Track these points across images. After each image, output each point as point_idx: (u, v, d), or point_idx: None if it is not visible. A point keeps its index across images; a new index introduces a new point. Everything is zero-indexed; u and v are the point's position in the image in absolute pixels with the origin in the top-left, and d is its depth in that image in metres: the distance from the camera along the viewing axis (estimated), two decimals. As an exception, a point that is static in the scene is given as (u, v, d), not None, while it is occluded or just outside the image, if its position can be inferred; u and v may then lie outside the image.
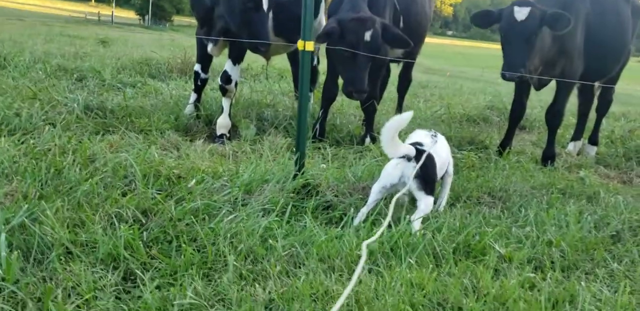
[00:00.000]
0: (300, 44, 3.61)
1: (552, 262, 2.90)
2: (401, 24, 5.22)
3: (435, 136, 3.59)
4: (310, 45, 3.61)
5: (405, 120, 3.10)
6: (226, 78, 5.04)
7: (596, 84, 6.01)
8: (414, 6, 5.44)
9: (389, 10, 5.02)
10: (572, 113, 7.31)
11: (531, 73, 4.63)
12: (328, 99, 5.31)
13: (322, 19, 5.87)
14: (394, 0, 5.07)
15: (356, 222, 3.12)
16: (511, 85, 5.59)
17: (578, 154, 6.02)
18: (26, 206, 2.59)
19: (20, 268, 2.23)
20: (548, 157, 5.28)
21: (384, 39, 4.59)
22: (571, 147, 6.08)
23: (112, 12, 42.42)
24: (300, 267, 2.56)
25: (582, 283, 2.61)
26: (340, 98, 7.51)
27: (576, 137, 6.17)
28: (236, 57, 5.07)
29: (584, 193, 4.20)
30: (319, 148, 4.84)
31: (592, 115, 6.32)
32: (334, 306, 1.70)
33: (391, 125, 3.05)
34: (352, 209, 3.26)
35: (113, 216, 2.74)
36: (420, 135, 3.59)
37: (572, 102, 6.21)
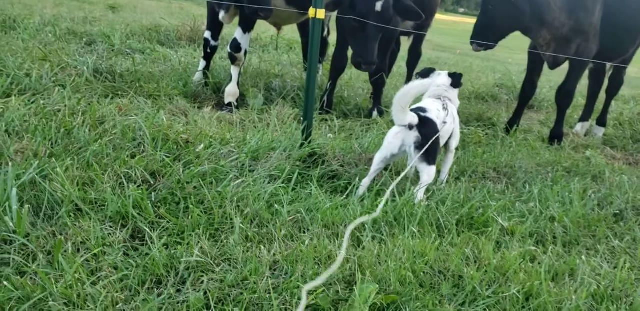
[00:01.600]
0: (311, 12, 3.57)
1: (554, 237, 2.94)
2: None
3: (446, 108, 3.51)
4: (321, 13, 3.58)
5: (425, 86, 3.09)
6: (236, 46, 5.00)
7: (608, 65, 5.96)
8: None
9: None
10: (581, 95, 7.26)
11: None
12: (337, 70, 5.28)
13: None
14: None
15: (359, 192, 3.14)
16: (523, 65, 5.56)
17: (585, 135, 6.00)
18: (36, 163, 2.62)
19: (30, 222, 2.27)
20: (555, 136, 5.27)
21: (396, 10, 4.53)
22: (579, 127, 6.06)
23: (121, -22, 41.88)
24: (304, 232, 2.60)
25: (583, 257, 2.65)
26: (349, 71, 7.49)
27: (584, 117, 6.14)
28: (246, 25, 5.02)
29: (589, 172, 4.21)
30: (326, 119, 4.84)
31: (602, 96, 6.28)
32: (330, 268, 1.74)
33: (407, 91, 3.01)
34: (357, 179, 3.28)
35: (122, 176, 2.77)
36: (431, 103, 3.51)
37: (582, 83, 6.18)
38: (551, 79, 8.97)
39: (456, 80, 3.72)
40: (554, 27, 4.76)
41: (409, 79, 6.72)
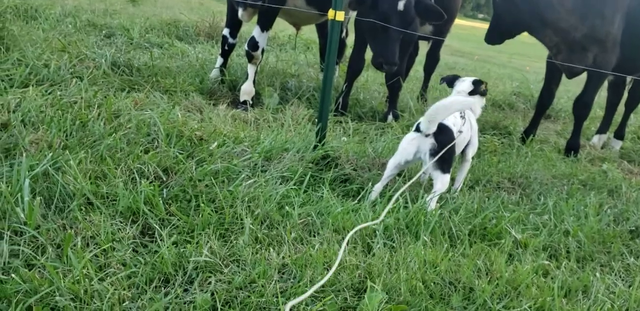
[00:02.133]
0: (330, 13, 3.54)
1: (568, 251, 2.89)
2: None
3: (463, 116, 3.45)
4: (340, 15, 3.54)
5: (469, 105, 3.11)
6: (253, 44, 4.99)
7: (628, 78, 5.88)
8: None
9: None
10: (599, 106, 7.17)
11: None
12: (353, 72, 5.25)
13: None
14: None
15: (372, 197, 3.11)
16: (540, 73, 5.51)
17: (602, 147, 5.92)
18: (50, 155, 2.62)
19: (41, 214, 2.26)
20: (572, 147, 5.20)
21: (417, 10, 4.48)
22: (596, 139, 5.98)
23: (143, -28, 42.03)
24: (314, 236, 2.57)
25: (597, 274, 2.60)
26: (366, 73, 7.45)
27: (602, 130, 6.06)
28: (264, 24, 5.00)
29: (606, 186, 4.14)
30: (340, 121, 4.81)
31: (621, 109, 6.19)
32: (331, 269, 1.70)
33: (450, 106, 3.06)
34: (369, 183, 3.25)
35: (134, 171, 2.76)
36: None
37: (601, 95, 6.10)
38: (569, 89, 8.87)
39: (478, 88, 3.68)
40: (561, 29, 4.69)
41: (425, 84, 6.68)
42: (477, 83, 3.68)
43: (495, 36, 5.20)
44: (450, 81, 3.78)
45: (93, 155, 2.83)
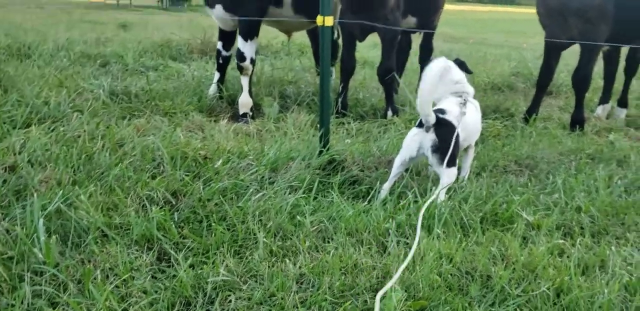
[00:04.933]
0: (319, 19, 3.57)
1: (582, 228, 2.90)
2: None
3: (464, 104, 3.39)
4: (329, 20, 3.56)
5: (444, 69, 3.07)
6: (240, 55, 5.02)
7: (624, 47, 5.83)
8: None
9: None
10: (600, 76, 7.12)
11: None
12: (347, 71, 5.27)
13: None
14: None
15: (381, 196, 3.13)
16: (538, 49, 5.49)
17: (607, 117, 5.90)
18: (61, 192, 2.68)
19: (59, 252, 2.32)
20: (576, 121, 5.18)
21: None
22: (600, 110, 5.95)
23: (131, -5, 42.07)
24: (329, 242, 2.60)
25: (613, 248, 2.61)
26: (363, 71, 7.48)
27: (604, 100, 6.02)
28: (246, 33, 5.00)
29: (614, 157, 4.14)
30: (343, 123, 4.85)
31: (621, 76, 6.15)
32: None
33: (431, 76, 2.99)
34: (378, 183, 3.28)
35: (144, 198, 2.81)
36: (449, 102, 3.41)
37: (600, 65, 6.07)
38: (568, 62, 8.81)
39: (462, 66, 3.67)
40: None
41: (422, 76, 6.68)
42: (461, 65, 3.65)
43: None
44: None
45: (102, 187, 2.90)
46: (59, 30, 10.83)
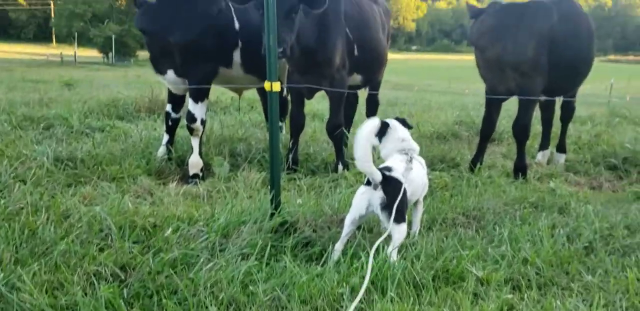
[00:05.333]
0: (266, 85, 3.62)
1: (529, 280, 2.97)
2: (355, 52, 5.30)
3: (410, 161, 3.47)
4: (277, 86, 3.62)
5: (374, 127, 3.16)
6: (190, 117, 5.05)
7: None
8: (368, 33, 5.49)
9: (341, 39, 5.10)
10: (538, 121, 7.47)
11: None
12: (296, 128, 5.37)
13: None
14: (346, 29, 5.16)
15: (334, 257, 3.14)
16: (479, 94, 5.74)
17: (548, 163, 6.15)
18: (1, 274, 2.57)
19: (0, 340, 2.21)
20: (519, 169, 5.38)
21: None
22: (540, 156, 6.22)
23: (75, 52, 41.78)
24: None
25: (558, 301, 2.68)
26: (312, 124, 7.61)
27: (544, 146, 6.31)
28: (197, 95, 5.07)
29: (556, 205, 4.30)
30: (294, 178, 4.88)
31: (558, 122, 6.45)
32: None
33: (362, 137, 3.09)
34: (331, 244, 3.29)
35: (92, 275, 2.73)
36: (395, 160, 3.50)
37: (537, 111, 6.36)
38: (508, 108, 9.22)
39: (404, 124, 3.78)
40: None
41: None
42: (403, 122, 3.77)
43: None
44: (382, 131, 3.66)
45: (47, 265, 2.79)
46: (0, 90, 10.65)
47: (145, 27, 5.02)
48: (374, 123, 3.31)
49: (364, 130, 3.17)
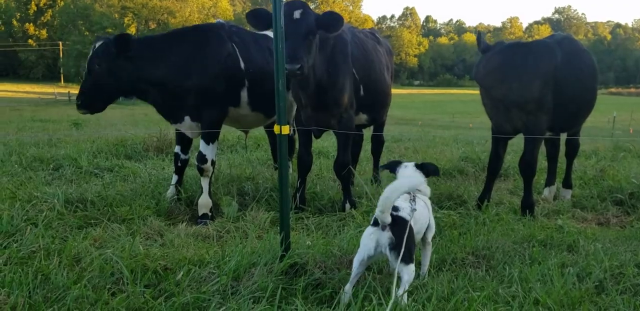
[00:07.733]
0: (276, 129, 3.69)
1: (542, 323, 2.96)
2: (361, 92, 5.41)
3: (413, 200, 3.51)
4: (286, 129, 3.69)
5: (410, 187, 3.30)
6: (201, 158, 5.13)
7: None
8: (373, 74, 5.63)
9: (349, 79, 5.22)
10: (544, 156, 7.51)
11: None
12: (304, 167, 5.42)
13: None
14: (353, 70, 5.28)
15: (345, 300, 3.13)
16: (483, 127, 5.79)
17: (554, 199, 6.15)
18: (16, 322, 2.59)
19: None
20: (526, 206, 5.37)
21: (319, 23, 4.64)
22: (546, 192, 6.22)
23: (82, 90, 42.05)
24: (295, 357, 2.57)
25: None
26: (318, 161, 7.66)
27: (549, 181, 6.32)
28: (209, 137, 5.17)
29: (564, 243, 4.30)
30: (302, 218, 4.91)
31: (563, 158, 6.49)
32: None
33: (390, 194, 3.15)
34: (341, 286, 3.29)
35: (105, 321, 2.75)
36: (400, 200, 3.48)
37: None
38: (513, 143, 9.30)
39: (427, 170, 3.86)
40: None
41: (376, 165, 6.89)
42: (422, 167, 3.85)
43: None
44: (392, 168, 3.93)
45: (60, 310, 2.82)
46: (10, 131, 10.81)
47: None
48: (416, 181, 3.56)
49: (403, 185, 3.27)
